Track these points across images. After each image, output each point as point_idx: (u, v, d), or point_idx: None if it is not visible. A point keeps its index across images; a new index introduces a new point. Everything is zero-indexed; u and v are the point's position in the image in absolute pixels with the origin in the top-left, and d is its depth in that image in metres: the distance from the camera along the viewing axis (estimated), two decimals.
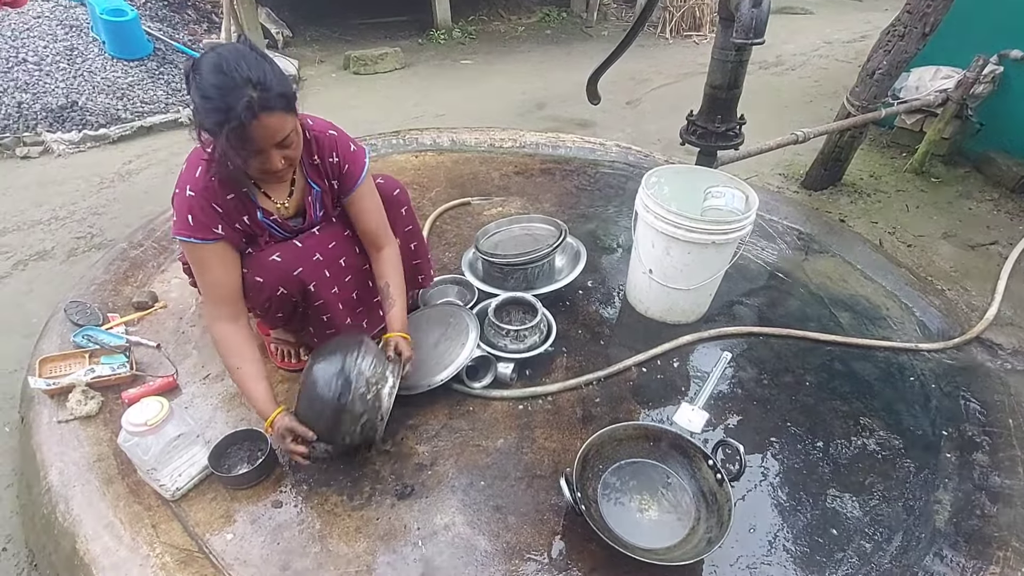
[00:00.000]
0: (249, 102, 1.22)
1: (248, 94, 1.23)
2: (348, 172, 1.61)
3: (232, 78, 1.23)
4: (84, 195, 3.27)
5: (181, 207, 1.45)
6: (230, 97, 1.22)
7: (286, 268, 1.57)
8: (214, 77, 1.23)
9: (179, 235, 1.46)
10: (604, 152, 3.30)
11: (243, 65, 1.25)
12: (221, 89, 1.23)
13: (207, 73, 1.24)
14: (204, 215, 1.44)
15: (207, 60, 1.26)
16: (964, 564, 1.41)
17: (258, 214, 1.54)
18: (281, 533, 1.45)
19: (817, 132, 2.82)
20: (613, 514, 1.49)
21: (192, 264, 1.54)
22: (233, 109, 1.22)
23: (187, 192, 1.44)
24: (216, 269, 1.51)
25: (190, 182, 1.44)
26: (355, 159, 1.62)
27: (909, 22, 2.68)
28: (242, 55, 1.27)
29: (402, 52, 5.50)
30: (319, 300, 1.66)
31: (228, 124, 1.23)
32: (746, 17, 1.77)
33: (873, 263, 2.49)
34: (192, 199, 1.43)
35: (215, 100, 1.23)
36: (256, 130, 1.27)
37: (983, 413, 1.82)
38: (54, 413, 1.71)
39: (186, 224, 1.44)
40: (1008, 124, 3.33)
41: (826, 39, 6.13)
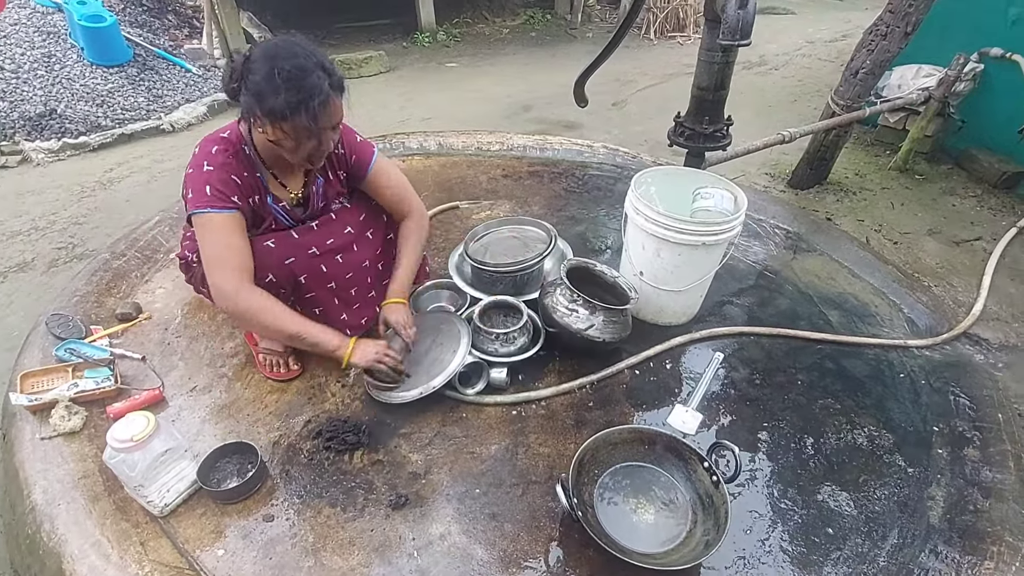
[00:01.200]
0: (328, 83, 1.35)
1: (324, 76, 1.35)
2: (357, 161, 1.70)
3: (307, 61, 1.34)
4: (64, 205, 3.22)
5: (198, 181, 1.47)
6: (310, 79, 1.33)
7: (278, 256, 1.59)
8: (291, 61, 1.33)
9: (196, 208, 1.46)
10: (592, 154, 3.30)
11: (311, 52, 1.37)
12: (302, 70, 1.33)
13: (281, 57, 1.33)
14: (224, 186, 1.48)
15: (273, 48, 1.36)
16: (959, 560, 1.42)
17: (268, 199, 1.57)
18: (273, 547, 1.42)
19: (803, 132, 2.84)
20: (610, 519, 1.48)
21: (208, 235, 1.50)
22: (317, 88, 1.33)
23: (204, 167, 1.47)
24: (230, 239, 1.50)
25: (207, 159, 1.48)
26: (362, 148, 1.71)
27: (891, 21, 2.71)
28: (303, 44, 1.38)
29: (386, 55, 5.48)
30: (310, 293, 1.68)
31: (312, 100, 1.32)
32: (732, 18, 1.77)
33: (860, 261, 2.51)
34: (211, 172, 1.47)
35: (297, 80, 1.32)
36: (332, 108, 1.39)
37: (973, 408, 1.84)
38: (37, 429, 1.67)
39: (203, 195, 1.46)
40: (989, 121, 3.38)
41: (808, 39, 6.20)
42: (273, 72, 1.32)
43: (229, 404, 1.79)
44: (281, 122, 1.36)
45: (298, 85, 1.32)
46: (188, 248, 1.77)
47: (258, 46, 1.40)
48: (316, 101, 1.33)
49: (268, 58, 1.34)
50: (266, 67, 1.33)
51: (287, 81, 1.32)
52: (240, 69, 1.38)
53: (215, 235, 1.50)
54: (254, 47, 1.40)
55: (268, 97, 1.34)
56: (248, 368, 1.90)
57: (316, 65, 1.35)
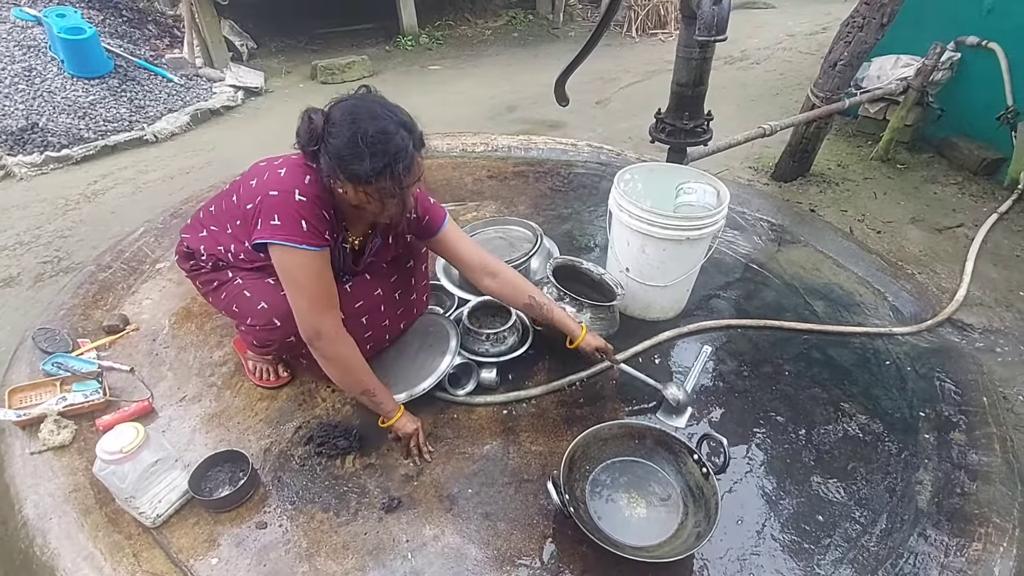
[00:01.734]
0: (412, 144, 1.31)
1: (405, 135, 1.30)
2: (428, 223, 1.66)
3: (389, 123, 1.29)
4: (49, 218, 3.19)
5: (289, 210, 1.37)
6: (395, 141, 1.29)
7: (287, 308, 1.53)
8: (374, 124, 1.28)
9: (289, 241, 1.36)
10: (576, 152, 3.32)
11: (390, 110, 1.33)
12: (385, 134, 1.28)
13: (365, 121, 1.28)
14: (318, 222, 1.39)
15: (353, 110, 1.30)
16: (947, 543, 1.44)
17: (340, 238, 1.53)
18: (267, 554, 1.42)
19: (784, 124, 2.87)
20: (602, 514, 1.50)
21: (298, 273, 1.42)
22: (404, 149, 1.29)
23: (297, 196, 1.37)
24: (322, 274, 1.44)
25: (299, 187, 1.38)
26: (434, 210, 1.68)
27: (867, 13, 2.75)
28: (381, 103, 1.34)
29: (370, 60, 5.48)
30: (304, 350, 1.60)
31: (400, 163, 1.29)
32: (708, 15, 1.79)
33: (844, 251, 2.54)
34: (304, 204, 1.37)
35: (381, 144, 1.27)
36: (415, 169, 1.35)
37: (958, 393, 1.86)
38: (26, 444, 1.66)
39: (298, 229, 1.36)
40: (967, 109, 3.42)
41: (789, 32, 6.25)
42: (356, 137, 1.27)
43: (219, 413, 1.78)
44: (366, 186, 1.32)
45: (383, 149, 1.27)
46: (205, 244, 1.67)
47: (337, 106, 1.33)
48: (401, 165, 1.29)
49: (350, 121, 1.28)
50: (349, 131, 1.27)
51: (371, 146, 1.27)
52: (320, 132, 1.31)
53: (311, 274, 1.42)
54: (333, 106, 1.33)
55: (352, 162, 1.29)
56: (237, 376, 1.90)
57: (399, 125, 1.30)
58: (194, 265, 1.73)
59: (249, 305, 1.60)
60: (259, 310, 1.58)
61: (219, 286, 1.68)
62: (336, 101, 1.34)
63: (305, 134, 1.34)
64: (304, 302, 1.44)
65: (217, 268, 1.67)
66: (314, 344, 1.47)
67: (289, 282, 1.44)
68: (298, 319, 1.46)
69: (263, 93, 5.00)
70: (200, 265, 1.71)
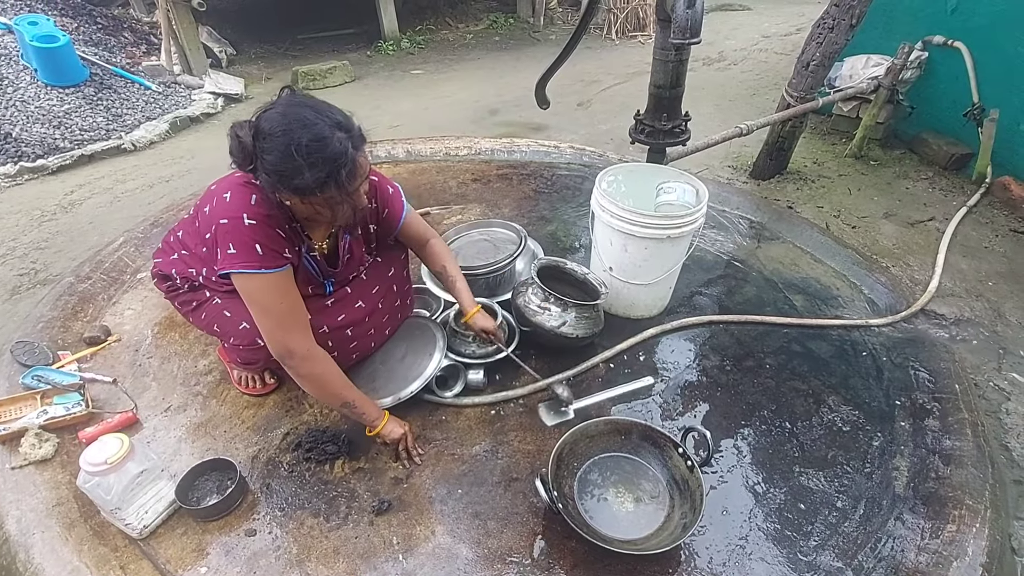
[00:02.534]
0: (351, 144, 1.26)
1: (341, 136, 1.25)
2: (388, 216, 1.66)
3: (322, 127, 1.23)
4: (24, 230, 3.14)
5: (241, 237, 1.33)
6: (332, 147, 1.23)
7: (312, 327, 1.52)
8: (308, 132, 1.21)
9: (246, 268, 1.34)
10: (559, 154, 3.35)
11: (322, 111, 1.26)
12: (320, 140, 1.22)
13: (296, 131, 1.21)
14: (272, 242, 1.36)
15: (282, 119, 1.23)
16: (923, 525, 1.49)
17: (303, 249, 1.50)
18: (257, 562, 1.42)
19: (759, 124, 2.92)
20: (590, 509, 1.52)
21: (260, 297, 1.40)
22: (344, 154, 1.24)
23: (246, 221, 1.33)
24: (287, 293, 1.42)
25: (246, 210, 1.33)
26: (392, 202, 1.66)
27: (837, 15, 2.81)
28: (309, 105, 1.27)
29: (351, 65, 5.46)
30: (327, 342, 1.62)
31: (342, 170, 1.24)
32: (681, 18, 1.83)
33: (821, 246, 2.60)
34: (255, 227, 1.34)
35: (318, 153, 1.22)
36: (357, 173, 1.29)
37: (932, 381, 1.92)
38: (6, 459, 1.64)
39: (254, 255, 1.33)
40: (936, 106, 3.52)
41: (764, 33, 6.36)
42: (290, 149, 1.20)
43: (205, 422, 1.77)
44: (312, 197, 1.27)
45: (322, 158, 1.21)
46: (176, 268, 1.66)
47: (264, 116, 1.25)
48: (344, 172, 1.24)
49: (281, 132, 1.21)
50: (282, 144, 1.21)
51: (308, 156, 1.20)
52: (251, 149, 1.25)
53: (274, 296, 1.39)
54: (260, 117, 1.26)
55: (293, 176, 1.23)
56: (223, 385, 1.89)
57: (333, 127, 1.24)
58: (171, 286, 1.72)
59: (230, 325, 1.59)
60: (241, 330, 1.57)
61: (198, 306, 1.66)
62: (262, 111, 1.27)
63: (238, 153, 1.28)
64: (270, 323, 1.42)
65: (194, 289, 1.66)
66: (286, 363, 1.45)
67: (253, 306, 1.42)
68: (267, 340, 1.44)
69: (243, 100, 4.97)
70: (177, 286, 1.70)
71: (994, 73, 3.17)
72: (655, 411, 1.82)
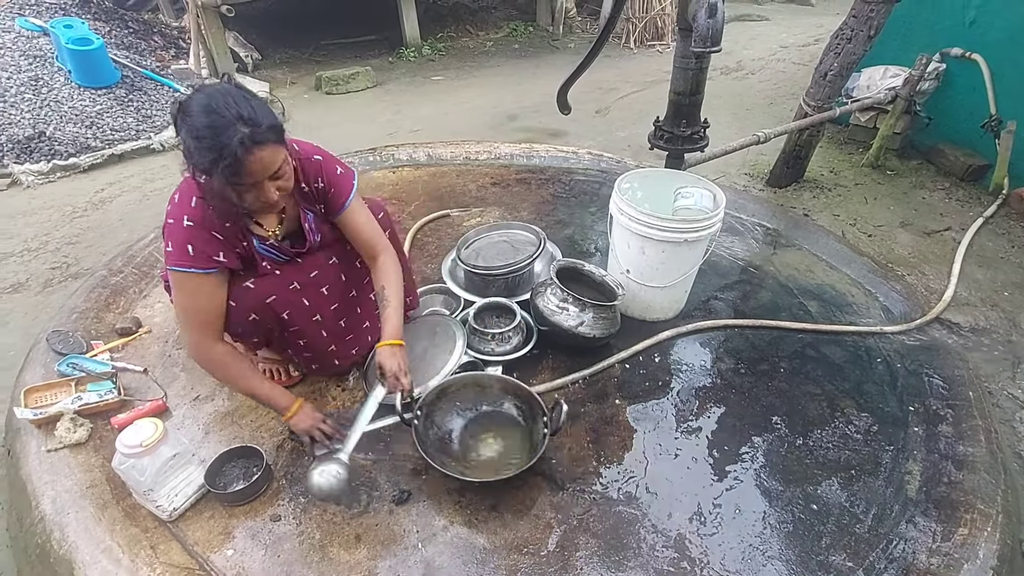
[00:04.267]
0: (242, 138, 1.26)
1: (240, 130, 1.26)
2: (334, 195, 1.62)
3: (222, 116, 1.26)
4: (57, 225, 3.24)
5: (178, 238, 1.44)
6: (223, 135, 1.26)
7: (258, 295, 1.57)
8: (205, 117, 1.26)
9: (177, 266, 1.44)
10: (577, 160, 3.39)
11: (231, 103, 1.28)
12: (213, 128, 1.26)
13: (197, 114, 1.27)
14: (205, 245, 1.44)
15: (195, 101, 1.29)
16: (935, 528, 1.50)
17: (255, 241, 1.55)
18: (281, 545, 1.47)
19: (777, 132, 2.95)
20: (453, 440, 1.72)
21: (179, 291, 1.51)
22: (227, 146, 1.25)
23: (184, 223, 1.43)
24: (205, 298, 1.51)
25: (187, 212, 1.43)
26: (341, 182, 1.64)
27: (855, 26, 2.84)
28: (228, 93, 1.31)
29: (373, 71, 5.56)
30: (294, 327, 1.67)
31: (223, 161, 1.26)
32: (703, 27, 1.87)
33: (837, 253, 2.61)
34: (191, 229, 1.43)
35: (208, 139, 1.26)
36: (251, 164, 1.30)
37: (945, 388, 1.93)
38: (42, 443, 1.71)
39: (185, 255, 1.43)
40: (953, 117, 3.52)
41: (782, 44, 6.37)
42: (191, 130, 1.28)
43: (232, 411, 1.83)
44: (210, 178, 1.32)
45: (211, 144, 1.26)
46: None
47: (190, 95, 1.33)
48: (226, 161, 1.26)
49: (190, 113, 1.28)
50: (188, 123, 1.28)
51: (200, 140, 1.27)
52: (175, 122, 1.33)
53: (185, 294, 1.50)
54: (189, 96, 1.33)
55: (192, 154, 1.30)
56: None
57: (235, 118, 1.26)
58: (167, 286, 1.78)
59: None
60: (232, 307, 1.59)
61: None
62: (194, 90, 1.35)
63: (172, 122, 1.35)
64: (182, 317, 1.55)
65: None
66: (191, 354, 1.59)
67: (175, 299, 1.53)
68: (183, 325, 1.57)
69: (268, 104, 5.07)
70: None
71: (1012, 85, 3.18)
72: (669, 412, 1.85)
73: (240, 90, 1.35)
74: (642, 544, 1.47)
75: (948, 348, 2.11)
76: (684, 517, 1.54)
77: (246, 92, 1.36)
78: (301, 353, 1.78)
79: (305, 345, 1.74)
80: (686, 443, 1.75)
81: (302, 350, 1.76)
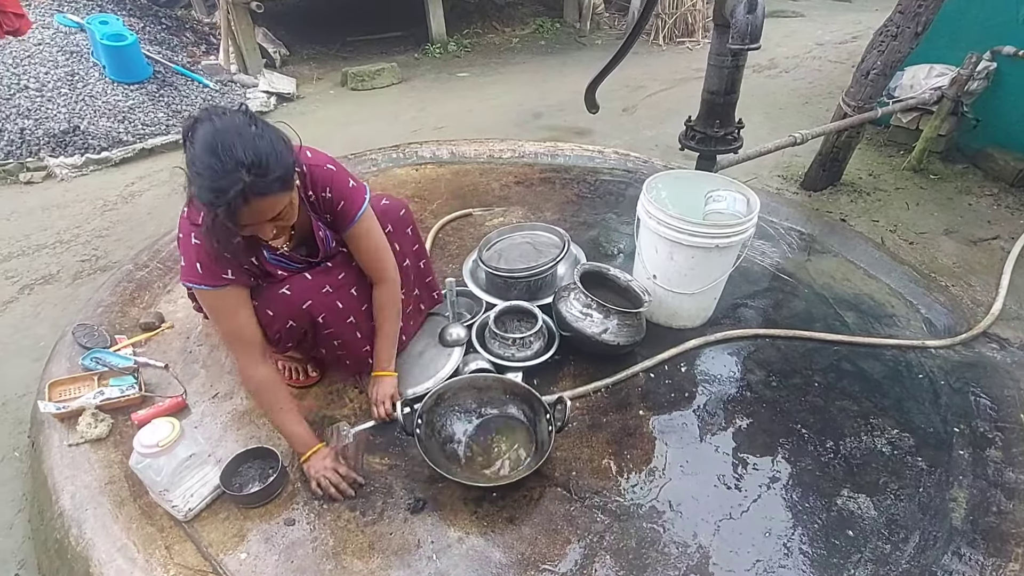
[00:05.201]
0: (243, 188, 1.21)
1: (241, 179, 1.20)
2: (343, 209, 1.57)
3: (224, 161, 1.20)
4: (88, 218, 3.30)
5: (188, 254, 1.44)
6: (223, 181, 1.20)
7: (295, 301, 1.57)
8: (208, 157, 1.21)
9: (188, 282, 1.46)
10: (603, 159, 3.32)
11: (238, 145, 1.21)
12: (214, 171, 1.21)
13: (200, 149, 1.21)
14: (213, 262, 1.43)
15: (202, 132, 1.23)
16: (983, 562, 1.40)
17: (266, 254, 1.54)
18: (295, 551, 1.45)
19: (815, 133, 2.83)
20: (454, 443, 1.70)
21: (208, 311, 1.55)
22: (225, 193, 1.20)
23: (192, 240, 1.43)
24: (233, 314, 1.50)
25: (194, 230, 1.42)
26: (352, 196, 1.58)
27: (901, 22, 2.70)
28: (238, 131, 1.23)
29: (399, 67, 5.55)
30: (328, 329, 1.66)
31: (217, 206, 1.23)
32: (742, 23, 1.79)
33: (876, 261, 2.50)
34: (199, 247, 1.42)
35: (208, 180, 1.22)
36: (246, 214, 1.27)
37: (994, 409, 1.81)
38: (64, 437, 1.72)
39: (195, 272, 1.44)
40: (1004, 119, 3.34)
41: (818, 41, 6.17)
42: (194, 162, 1.24)
43: (250, 410, 1.82)
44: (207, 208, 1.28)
45: (210, 186, 1.22)
46: None
47: (200, 120, 1.26)
48: (221, 207, 1.22)
49: (195, 143, 1.24)
50: (191, 152, 1.25)
51: (200, 176, 1.23)
52: (184, 140, 1.29)
53: (213, 312, 1.53)
54: (200, 118, 1.27)
55: (193, 182, 1.27)
56: None
57: (237, 164, 1.20)
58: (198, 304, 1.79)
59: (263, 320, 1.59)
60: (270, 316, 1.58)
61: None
62: (206, 115, 1.26)
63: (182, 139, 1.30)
64: (223, 333, 1.58)
65: None
66: (239, 371, 1.64)
67: (209, 313, 1.56)
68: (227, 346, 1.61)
69: (295, 99, 5.11)
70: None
71: None
72: (695, 425, 1.78)
73: (253, 124, 1.27)
74: (664, 566, 1.41)
75: (996, 365, 1.99)
76: (709, 538, 1.47)
77: (261, 127, 1.29)
78: (335, 353, 1.76)
79: (340, 346, 1.73)
80: (712, 459, 1.68)
81: (336, 350, 1.74)
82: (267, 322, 1.56)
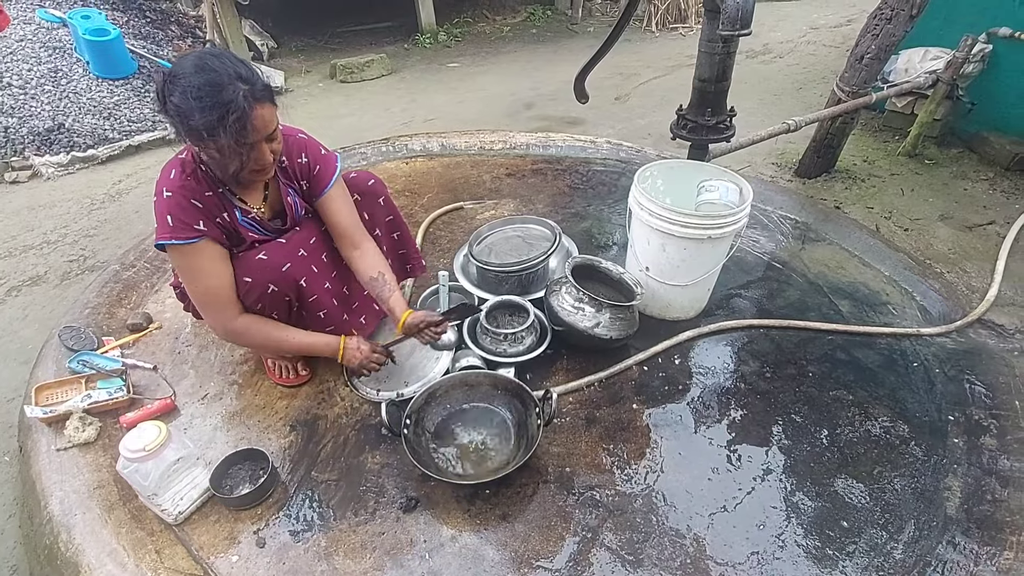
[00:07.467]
0: (244, 93, 1.27)
1: (240, 87, 1.27)
2: (319, 173, 1.62)
3: (220, 74, 1.27)
4: (75, 217, 3.25)
5: (160, 210, 1.44)
6: (225, 92, 1.26)
7: (273, 265, 1.57)
8: (201, 76, 1.26)
9: (161, 240, 1.43)
10: (595, 150, 3.28)
11: (226, 62, 1.30)
12: (213, 85, 1.25)
13: (191, 74, 1.26)
14: (184, 213, 1.43)
15: (187, 64, 1.29)
16: (977, 551, 1.40)
17: (237, 214, 1.54)
18: (287, 552, 1.43)
19: (808, 120, 2.80)
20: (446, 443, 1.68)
21: (183, 273, 1.52)
22: (233, 101, 1.26)
23: (164, 194, 1.43)
24: (209, 271, 1.49)
25: (166, 184, 1.44)
26: (326, 160, 1.64)
27: (896, 4, 2.67)
28: (219, 55, 1.32)
29: (388, 58, 5.48)
30: (312, 295, 1.66)
31: (230, 116, 1.26)
32: (731, 8, 1.75)
33: (870, 249, 2.48)
34: (170, 199, 1.43)
35: (210, 97, 1.25)
36: (255, 120, 1.31)
37: (989, 396, 1.81)
38: (52, 441, 1.70)
39: (166, 226, 1.42)
40: (999, 102, 3.32)
41: (812, 25, 6.12)
42: (187, 91, 1.25)
43: (240, 411, 1.80)
44: (206, 142, 1.31)
45: (212, 102, 1.25)
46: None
47: (177, 62, 1.32)
48: (232, 117, 1.26)
49: (182, 75, 1.27)
50: (182, 85, 1.26)
51: (199, 100, 1.25)
52: (162, 90, 1.30)
53: (188, 272, 1.50)
54: (175, 63, 1.31)
55: (188, 118, 1.27)
56: (258, 375, 1.91)
57: (233, 77, 1.27)
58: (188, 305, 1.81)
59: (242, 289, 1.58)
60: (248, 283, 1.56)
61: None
62: (180, 57, 1.37)
63: (156, 96, 1.33)
64: (194, 294, 1.54)
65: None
66: (218, 335, 1.63)
67: (182, 275, 1.55)
68: (198, 307, 1.55)
69: (283, 92, 5.04)
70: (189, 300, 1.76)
71: None
72: (689, 417, 1.77)
73: (228, 52, 1.36)
74: (659, 559, 1.40)
75: (991, 352, 1.98)
76: (704, 531, 1.46)
77: (233, 53, 1.38)
78: (319, 326, 1.73)
79: (324, 317, 1.72)
80: (707, 451, 1.67)
81: (321, 323, 1.72)
82: (246, 290, 1.55)
